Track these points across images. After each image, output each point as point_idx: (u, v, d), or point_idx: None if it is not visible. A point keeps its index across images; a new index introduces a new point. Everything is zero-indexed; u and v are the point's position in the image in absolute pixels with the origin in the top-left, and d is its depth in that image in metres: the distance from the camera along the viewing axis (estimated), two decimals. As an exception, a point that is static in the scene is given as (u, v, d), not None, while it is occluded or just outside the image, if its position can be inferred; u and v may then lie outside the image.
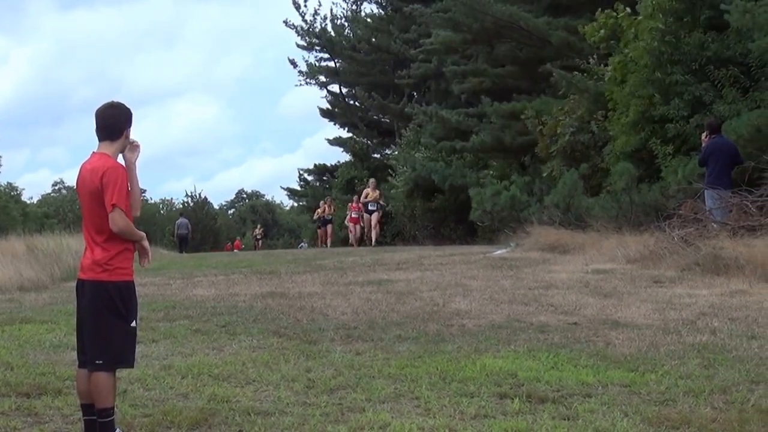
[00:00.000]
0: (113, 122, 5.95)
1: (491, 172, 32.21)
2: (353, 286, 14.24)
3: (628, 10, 22.62)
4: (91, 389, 5.77)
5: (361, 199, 33.30)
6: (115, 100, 6.08)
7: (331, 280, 15.33)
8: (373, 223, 32.51)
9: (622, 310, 11.10)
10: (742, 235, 14.74)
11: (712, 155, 16.43)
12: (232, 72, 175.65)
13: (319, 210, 38.73)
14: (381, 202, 33.43)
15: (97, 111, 5.97)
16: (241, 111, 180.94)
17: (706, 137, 16.79)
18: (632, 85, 21.07)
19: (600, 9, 24.20)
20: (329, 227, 37.29)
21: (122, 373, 6.81)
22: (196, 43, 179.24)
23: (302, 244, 54.90)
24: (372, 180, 35.01)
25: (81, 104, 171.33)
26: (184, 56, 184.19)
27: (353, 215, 34.07)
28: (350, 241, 34.59)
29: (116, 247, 5.82)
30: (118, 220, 5.73)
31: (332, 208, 37.97)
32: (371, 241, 32.44)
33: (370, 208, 32.63)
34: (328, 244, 36.46)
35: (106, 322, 5.76)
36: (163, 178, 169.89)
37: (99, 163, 5.82)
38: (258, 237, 56.22)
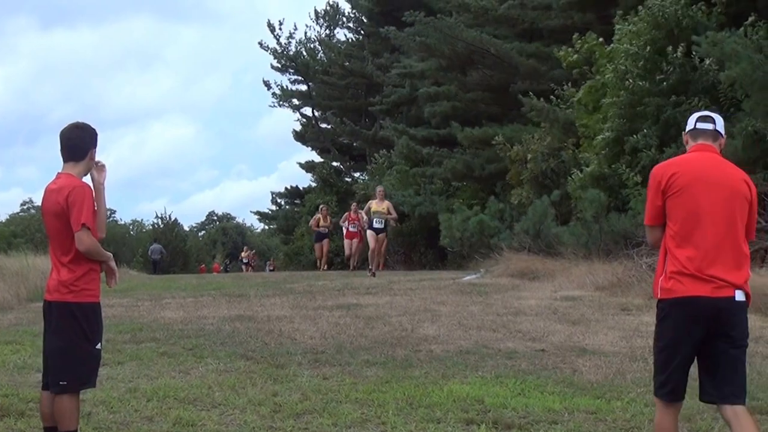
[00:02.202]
0: (78, 143, 5.93)
1: (461, 199, 32.21)
2: (322, 311, 14.20)
3: (602, 39, 22.78)
4: (55, 412, 5.73)
5: (363, 211, 25.55)
6: (81, 120, 6.07)
7: (300, 304, 15.28)
8: (380, 246, 24.54)
9: (590, 338, 11.14)
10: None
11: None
12: (210, 94, 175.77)
13: (312, 221, 32.19)
14: (392, 217, 24.84)
15: (61, 132, 5.95)
16: (218, 133, 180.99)
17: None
18: (604, 110, 21.20)
19: (577, 34, 24.33)
20: (326, 243, 30.97)
21: (86, 395, 6.76)
22: (174, 65, 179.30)
23: (269, 266, 54.55)
24: (380, 187, 26.12)
25: (57, 124, 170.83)
26: (162, 77, 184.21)
27: (350, 228, 27.72)
28: (347, 260, 28.62)
29: (82, 268, 5.80)
30: (85, 240, 5.71)
31: (329, 219, 31.36)
32: (374, 267, 24.02)
33: (375, 225, 24.31)
34: (322, 265, 30.95)
35: (72, 344, 5.73)
36: (137, 199, 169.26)
37: (65, 183, 5.80)
38: (245, 261, 55.22)
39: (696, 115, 5.77)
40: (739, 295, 5.26)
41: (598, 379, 8.54)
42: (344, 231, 28.45)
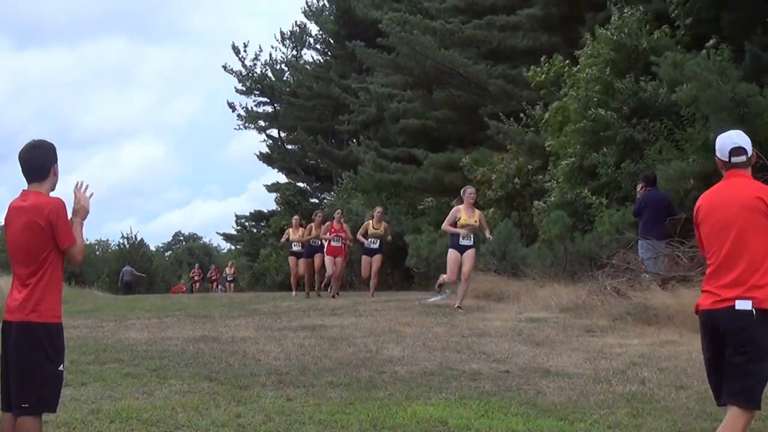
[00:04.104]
0: (39, 162, 5.92)
1: (428, 220, 32.22)
2: (287, 331, 14.17)
3: (568, 61, 22.93)
4: (17, 433, 5.69)
5: (360, 232, 23.84)
6: (38, 138, 6.06)
7: (264, 325, 15.24)
8: (373, 269, 23.64)
9: (554, 359, 11.17)
10: (674, 286, 14.94)
11: (647, 207, 16.70)
12: (182, 113, 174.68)
13: (291, 233, 26.31)
14: (389, 238, 24.10)
15: (19, 154, 5.93)
16: (189, 153, 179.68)
17: (641, 189, 17.08)
18: (567, 133, 21.33)
19: (543, 57, 24.45)
20: (317, 258, 24.81)
21: (49, 417, 6.71)
22: (147, 85, 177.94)
23: (220, 287, 54.19)
24: (379, 208, 24.96)
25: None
26: (135, 97, 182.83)
27: (333, 243, 23.86)
28: (326, 280, 24.48)
29: (45, 288, 5.78)
30: (76, 252, 5.90)
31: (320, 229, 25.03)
32: (372, 289, 23.62)
33: (370, 245, 23.51)
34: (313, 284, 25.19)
35: (34, 365, 5.70)
36: (105, 218, 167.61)
37: (41, 201, 5.80)
38: (196, 279, 54.99)
39: (729, 145, 6.15)
40: (740, 305, 5.73)
41: (561, 400, 8.56)
42: (327, 243, 24.07)
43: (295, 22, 61.97)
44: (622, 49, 20.62)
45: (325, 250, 24.11)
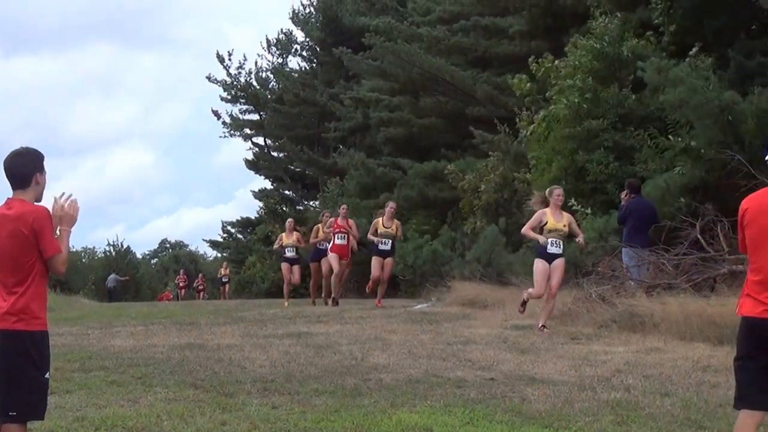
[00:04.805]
0: (23, 171, 5.90)
1: (413, 227, 32.22)
2: (272, 339, 14.15)
3: (557, 62, 22.96)
4: (3, 441, 5.68)
5: (369, 231, 21.35)
6: (24, 146, 6.03)
7: (250, 332, 15.22)
8: (384, 274, 21.28)
9: (539, 366, 11.18)
10: (659, 293, 14.99)
11: (631, 214, 16.77)
12: (171, 121, 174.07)
13: (285, 238, 24.28)
14: (399, 237, 21.87)
15: (3, 162, 5.92)
16: (177, 160, 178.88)
17: (626, 196, 17.14)
18: (553, 140, 21.37)
19: (532, 57, 24.45)
20: (324, 262, 22.57)
21: (34, 425, 6.69)
22: (136, 92, 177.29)
23: (198, 283, 53.90)
24: (392, 203, 21.99)
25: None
26: (123, 104, 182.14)
27: (337, 241, 21.79)
28: (330, 280, 22.03)
29: (33, 296, 5.77)
30: (60, 262, 5.87)
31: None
32: (380, 296, 21.50)
33: (381, 247, 20.90)
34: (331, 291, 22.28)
35: (20, 373, 5.69)
36: (93, 225, 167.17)
37: (26, 209, 5.78)
38: (182, 285, 54.68)
39: None
40: None
41: (546, 408, 8.57)
42: (330, 242, 22.07)
43: (281, 29, 61.99)
44: (605, 58, 20.70)
45: (328, 248, 22.03)
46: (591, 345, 13.05)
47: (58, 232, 5.93)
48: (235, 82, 57.14)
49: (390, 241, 20.86)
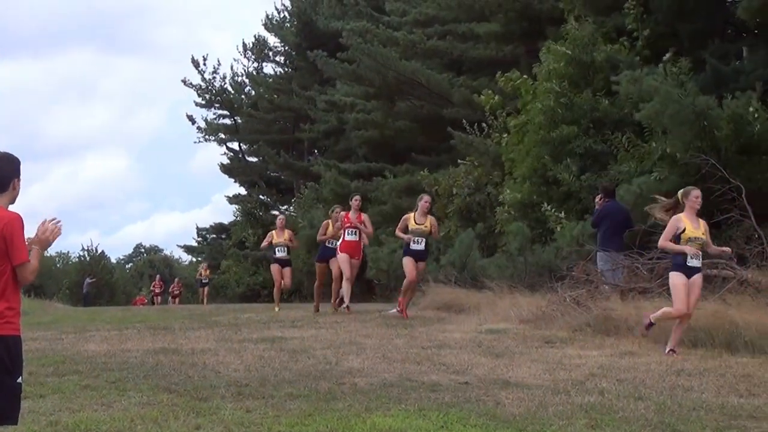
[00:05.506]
0: (2, 175, 5.87)
1: (387, 231, 32.23)
2: (247, 343, 14.12)
3: (526, 75, 23.01)
4: (-27, 447, 5.64)
5: (399, 227, 18.43)
6: (3, 151, 6.00)
7: (224, 337, 15.18)
8: (418, 273, 18.40)
9: (513, 370, 11.20)
10: (633, 297, 15.05)
11: (605, 218, 16.79)
12: (146, 126, 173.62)
13: (275, 236, 22.02)
14: (435, 236, 19.11)
15: None
16: (152, 165, 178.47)
17: (600, 200, 17.17)
18: (527, 144, 21.43)
19: (499, 72, 24.49)
20: (333, 263, 20.05)
21: (7, 429, 6.64)
22: (112, 97, 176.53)
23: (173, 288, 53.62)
24: (427, 197, 18.84)
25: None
26: (99, 109, 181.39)
27: (348, 237, 19.23)
28: (342, 282, 19.66)
29: (6, 301, 5.73)
30: (29, 271, 5.81)
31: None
32: (406, 303, 18.57)
33: (413, 246, 17.90)
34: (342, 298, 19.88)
35: (-8, 378, 5.65)
36: (67, 230, 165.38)
37: (1, 215, 5.74)
38: (157, 291, 54.21)
39: None
40: None
41: (520, 411, 8.57)
42: (341, 239, 19.46)
43: (256, 35, 61.99)
44: (577, 64, 20.77)
45: (338, 247, 19.48)
46: (565, 349, 13.08)
47: (30, 247, 5.89)
48: (209, 87, 57.16)
49: (424, 240, 17.97)
